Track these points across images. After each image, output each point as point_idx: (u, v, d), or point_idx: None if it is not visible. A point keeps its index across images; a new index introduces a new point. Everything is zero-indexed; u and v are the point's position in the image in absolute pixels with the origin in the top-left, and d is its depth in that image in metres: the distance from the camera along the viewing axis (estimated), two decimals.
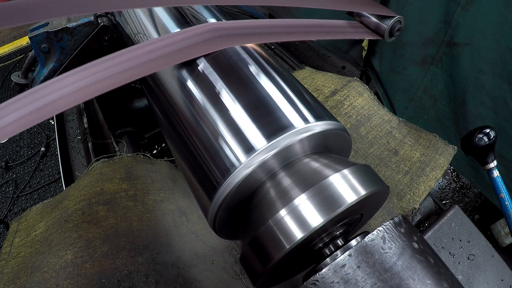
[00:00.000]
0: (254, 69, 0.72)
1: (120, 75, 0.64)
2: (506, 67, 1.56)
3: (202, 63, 0.73)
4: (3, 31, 5.49)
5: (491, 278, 1.23)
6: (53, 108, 0.59)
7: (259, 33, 0.77)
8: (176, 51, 0.70)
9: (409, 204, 1.49)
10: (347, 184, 0.58)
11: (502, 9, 1.46)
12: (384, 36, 0.87)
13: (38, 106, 0.58)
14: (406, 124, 1.79)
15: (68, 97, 0.60)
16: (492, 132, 1.29)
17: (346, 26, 0.89)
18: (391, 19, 0.86)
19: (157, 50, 0.69)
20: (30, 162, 2.89)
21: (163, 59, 0.68)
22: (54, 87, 0.61)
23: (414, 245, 0.55)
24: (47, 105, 0.59)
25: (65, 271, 1.20)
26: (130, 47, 0.68)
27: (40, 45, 1.42)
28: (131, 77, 0.64)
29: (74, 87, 0.61)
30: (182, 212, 1.51)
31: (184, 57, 0.70)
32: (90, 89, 0.61)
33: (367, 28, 0.90)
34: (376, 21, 0.87)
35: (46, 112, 0.58)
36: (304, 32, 0.82)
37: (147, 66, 0.66)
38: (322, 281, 0.51)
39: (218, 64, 0.73)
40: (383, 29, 0.87)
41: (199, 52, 0.72)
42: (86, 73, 0.63)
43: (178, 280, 1.25)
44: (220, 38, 0.73)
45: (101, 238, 1.30)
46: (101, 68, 0.64)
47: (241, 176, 0.59)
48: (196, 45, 0.72)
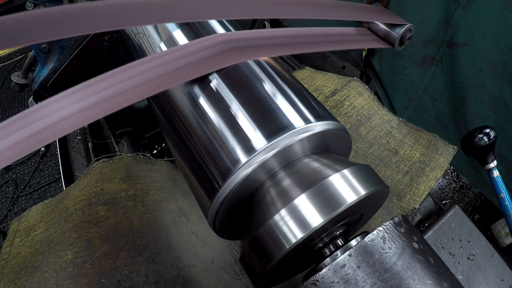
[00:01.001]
0: (257, 72, 0.71)
1: (127, 93, 0.58)
2: (506, 67, 1.56)
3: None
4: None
5: (491, 278, 1.23)
6: (52, 132, 0.52)
7: (271, 45, 0.73)
8: (188, 65, 0.65)
9: (409, 204, 1.49)
10: (347, 184, 0.58)
11: (502, 9, 1.46)
12: (394, 45, 0.84)
13: (35, 130, 0.51)
14: (406, 124, 1.79)
15: (68, 120, 0.53)
16: (492, 132, 1.29)
17: (355, 34, 0.85)
18: (402, 27, 0.83)
19: (167, 64, 0.64)
20: (30, 162, 2.90)
21: (174, 75, 0.63)
22: (53, 108, 0.54)
23: (414, 245, 0.55)
24: (45, 129, 0.52)
25: (65, 271, 1.20)
26: (136, 61, 0.63)
27: (40, 45, 1.42)
28: (140, 95, 0.58)
29: (74, 109, 0.54)
30: (182, 212, 1.51)
31: (197, 73, 0.65)
32: (91, 111, 0.55)
33: (376, 36, 0.87)
34: (385, 28, 0.83)
35: (45, 137, 0.51)
36: (316, 43, 0.78)
37: (157, 82, 0.61)
38: (322, 281, 0.51)
39: (230, 80, 0.70)
40: (393, 37, 0.84)
41: (212, 67, 0.67)
42: (85, 92, 0.57)
43: (178, 280, 1.25)
44: (232, 51, 0.69)
45: (101, 238, 1.30)
46: (104, 86, 0.58)
47: (241, 176, 0.59)
48: (208, 58, 0.67)
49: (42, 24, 0.55)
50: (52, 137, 0.52)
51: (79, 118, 0.54)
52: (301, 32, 0.78)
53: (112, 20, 0.61)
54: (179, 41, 0.85)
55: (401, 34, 0.82)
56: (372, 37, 0.87)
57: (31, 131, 0.51)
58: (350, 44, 0.83)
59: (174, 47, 0.67)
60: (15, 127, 0.51)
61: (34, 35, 0.55)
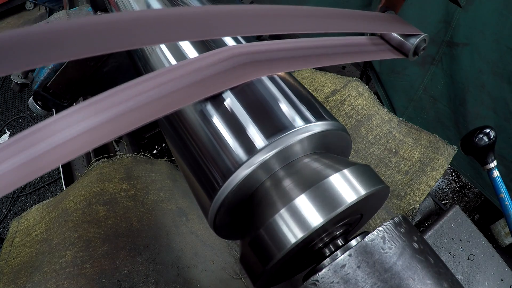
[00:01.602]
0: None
1: (136, 113, 0.52)
2: (506, 67, 1.56)
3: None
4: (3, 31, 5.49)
5: (491, 278, 1.23)
6: (56, 156, 0.45)
7: (287, 58, 0.68)
8: (199, 81, 0.59)
9: (409, 204, 1.49)
10: (347, 184, 0.58)
11: (502, 9, 1.46)
12: (408, 55, 0.79)
13: (35, 155, 0.45)
14: (406, 124, 1.79)
15: (74, 142, 0.47)
16: (492, 132, 1.29)
17: (369, 44, 0.80)
18: (417, 37, 0.78)
19: (178, 79, 0.57)
20: None
21: (186, 92, 0.57)
22: (56, 128, 0.48)
23: (414, 245, 0.55)
24: (48, 153, 0.45)
25: (65, 271, 1.20)
26: (143, 77, 0.57)
27: None
28: (150, 114, 0.52)
29: (80, 129, 0.48)
30: (182, 212, 1.51)
31: (210, 90, 0.59)
32: (99, 131, 0.49)
33: (389, 45, 0.82)
34: (399, 38, 0.79)
35: (47, 163, 0.45)
36: (334, 55, 0.73)
37: (167, 100, 0.54)
38: (322, 281, 0.51)
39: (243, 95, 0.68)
40: (407, 48, 0.79)
41: (226, 84, 0.61)
42: (91, 110, 0.50)
43: (178, 280, 1.25)
44: (247, 66, 0.63)
45: (101, 238, 1.30)
46: (112, 103, 0.51)
47: (241, 176, 0.59)
48: (222, 74, 0.61)
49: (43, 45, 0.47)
50: (56, 162, 0.45)
51: (86, 140, 0.48)
52: (318, 43, 0.73)
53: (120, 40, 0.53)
54: (179, 42, 0.85)
55: (416, 44, 0.78)
56: (385, 46, 0.82)
57: (31, 155, 0.45)
58: (366, 55, 0.78)
59: (185, 61, 0.61)
60: (12, 151, 0.44)
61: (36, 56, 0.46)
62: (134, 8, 1.05)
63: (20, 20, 5.68)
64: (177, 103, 0.55)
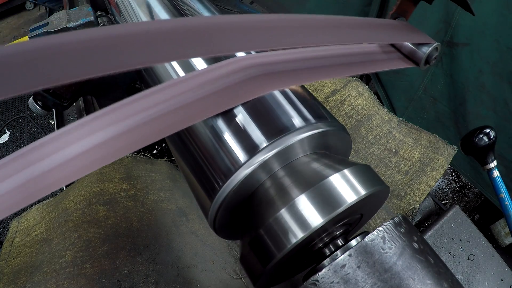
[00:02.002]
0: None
1: (146, 128, 0.48)
2: (506, 67, 1.57)
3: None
4: (3, 31, 5.49)
5: (491, 278, 1.23)
6: (61, 175, 0.41)
7: (298, 69, 0.64)
8: (210, 95, 0.55)
9: (409, 204, 1.49)
10: (347, 184, 0.58)
11: (502, 9, 1.47)
12: (419, 64, 0.77)
13: (38, 173, 0.40)
14: (406, 124, 1.79)
15: (80, 159, 0.43)
16: (492, 132, 1.29)
17: (380, 52, 0.76)
18: (429, 46, 0.75)
19: (186, 92, 0.53)
20: None
21: (197, 107, 0.53)
22: (61, 143, 0.43)
23: (414, 245, 0.55)
24: (52, 171, 0.41)
25: (65, 271, 1.20)
26: (151, 89, 0.52)
27: None
28: (157, 133, 0.48)
29: (87, 145, 0.44)
30: (182, 212, 1.51)
31: (222, 106, 0.55)
32: (109, 147, 0.45)
33: (400, 53, 0.78)
34: (411, 46, 0.76)
35: (51, 182, 0.40)
36: (344, 65, 0.69)
37: (178, 115, 0.51)
38: (322, 281, 0.51)
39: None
40: (419, 56, 0.76)
41: (238, 99, 0.58)
42: (99, 124, 0.46)
43: (178, 280, 1.25)
44: (259, 79, 0.59)
45: (101, 238, 1.30)
46: (116, 118, 0.47)
47: (241, 176, 0.59)
48: (233, 88, 0.57)
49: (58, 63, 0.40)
50: (62, 181, 0.41)
51: (95, 157, 0.43)
52: (330, 52, 0.69)
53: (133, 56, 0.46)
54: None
55: (428, 53, 0.75)
56: (396, 54, 0.78)
57: (34, 173, 0.40)
58: (378, 65, 0.74)
59: (194, 73, 0.57)
60: (12, 168, 0.40)
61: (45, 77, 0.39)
62: (134, 8, 1.05)
63: (20, 20, 5.68)
64: (188, 119, 0.51)
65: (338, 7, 2.46)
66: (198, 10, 0.98)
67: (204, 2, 1.03)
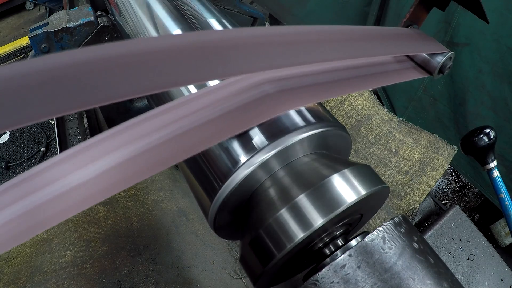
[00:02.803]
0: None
1: (155, 153, 0.42)
2: (506, 67, 1.56)
3: None
4: (3, 31, 5.50)
5: (491, 278, 1.23)
6: (65, 205, 0.36)
7: (314, 85, 0.59)
8: (224, 115, 0.49)
9: (409, 204, 1.49)
10: (347, 184, 0.58)
11: (502, 9, 1.47)
12: (433, 74, 0.75)
13: (39, 202, 0.35)
14: (406, 124, 1.79)
15: (86, 187, 0.38)
16: (492, 132, 1.29)
17: (393, 62, 0.74)
18: (443, 55, 0.73)
19: (200, 110, 0.48)
20: (30, 162, 2.90)
21: (210, 129, 0.47)
22: (65, 169, 0.38)
23: (414, 245, 0.55)
24: (54, 201, 0.36)
25: (65, 271, 1.20)
26: (160, 107, 0.47)
27: (40, 45, 1.42)
28: (170, 158, 0.43)
29: (95, 171, 0.39)
30: (182, 212, 1.51)
31: (236, 127, 0.50)
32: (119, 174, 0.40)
33: (413, 62, 0.76)
34: (424, 55, 0.75)
35: (53, 214, 0.35)
36: (360, 78, 0.65)
37: (190, 139, 0.45)
38: (322, 281, 0.51)
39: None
40: (433, 66, 0.74)
41: (254, 119, 0.52)
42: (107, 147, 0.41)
43: (178, 280, 1.25)
44: (275, 97, 0.54)
45: (101, 238, 1.30)
46: (123, 141, 0.42)
47: (241, 176, 0.59)
48: (247, 107, 0.52)
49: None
50: (64, 213, 0.36)
51: (102, 185, 0.38)
52: (345, 63, 0.65)
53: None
54: None
55: (442, 63, 0.73)
56: (409, 63, 0.76)
57: (33, 204, 0.35)
58: (393, 76, 0.71)
59: (206, 89, 0.52)
60: (8, 198, 0.35)
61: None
62: (134, 8, 1.05)
63: (20, 20, 5.69)
64: (201, 142, 0.46)
65: (338, 7, 2.46)
66: (198, 10, 0.98)
67: (204, 2, 1.03)
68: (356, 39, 0.65)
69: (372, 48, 0.67)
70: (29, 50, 4.38)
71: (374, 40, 0.68)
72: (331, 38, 0.62)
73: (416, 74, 0.75)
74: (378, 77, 0.68)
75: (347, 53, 0.62)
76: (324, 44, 0.59)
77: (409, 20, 0.79)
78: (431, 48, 0.74)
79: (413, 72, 0.75)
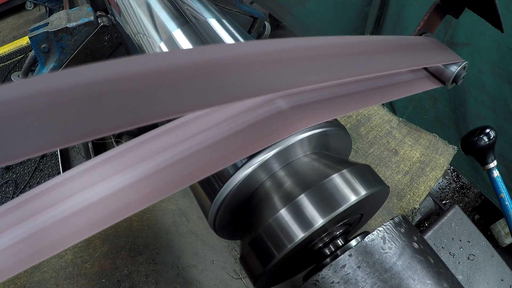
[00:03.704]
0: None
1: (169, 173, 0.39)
2: (506, 67, 1.56)
3: None
4: (3, 31, 5.49)
5: (491, 278, 1.23)
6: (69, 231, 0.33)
7: (329, 99, 0.56)
8: (236, 133, 0.46)
9: (409, 204, 1.49)
10: (347, 184, 0.58)
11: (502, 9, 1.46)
12: (447, 84, 0.74)
13: (40, 228, 0.32)
14: (406, 124, 1.79)
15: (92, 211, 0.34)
16: (492, 132, 1.29)
17: (406, 72, 0.71)
18: (457, 65, 0.72)
19: (209, 130, 0.44)
20: (30, 162, 2.90)
21: (219, 150, 0.44)
22: (68, 190, 0.35)
23: (414, 245, 0.55)
24: (57, 224, 0.33)
25: (65, 271, 1.20)
26: (170, 124, 0.44)
27: (40, 45, 1.42)
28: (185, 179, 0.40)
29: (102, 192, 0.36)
30: (182, 212, 1.51)
31: (248, 147, 0.46)
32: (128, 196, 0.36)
33: (426, 71, 0.75)
34: (438, 64, 0.74)
35: (58, 238, 0.32)
36: (375, 90, 0.62)
37: (201, 160, 0.42)
38: (322, 281, 0.51)
39: None
40: (446, 76, 0.73)
41: (266, 139, 0.47)
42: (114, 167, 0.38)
43: (178, 280, 1.25)
44: (289, 113, 0.51)
45: (101, 238, 1.30)
46: (128, 162, 0.39)
47: (241, 176, 0.59)
48: (259, 125, 0.48)
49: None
50: (70, 239, 0.33)
51: (111, 207, 0.35)
52: (360, 75, 0.59)
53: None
54: (179, 42, 0.85)
55: (456, 73, 0.72)
56: (422, 73, 0.74)
57: (35, 228, 0.32)
58: (408, 88, 0.68)
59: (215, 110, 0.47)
60: (9, 221, 0.32)
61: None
62: (134, 8, 1.05)
63: (20, 20, 5.68)
64: (211, 164, 0.42)
65: (338, 7, 2.46)
66: (198, 10, 0.98)
67: (204, 2, 1.03)
68: (373, 52, 0.63)
69: (389, 62, 0.64)
70: (29, 50, 4.38)
71: (391, 52, 0.66)
72: (348, 52, 0.58)
73: (430, 84, 0.73)
74: (393, 89, 0.66)
75: (366, 69, 0.59)
76: (342, 59, 0.56)
77: (423, 27, 0.78)
78: (446, 59, 0.73)
79: (426, 82, 0.73)
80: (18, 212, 0.33)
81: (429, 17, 0.78)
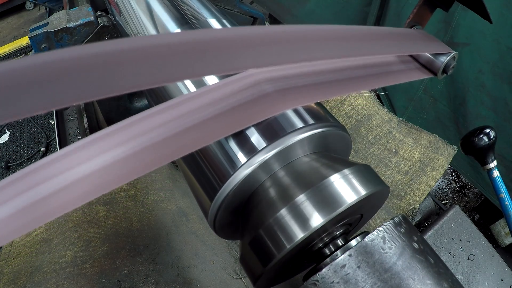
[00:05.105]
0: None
1: (155, 149, 0.45)
2: (506, 67, 1.57)
3: None
4: (3, 31, 5.50)
5: (491, 278, 1.23)
6: (67, 198, 0.38)
7: (312, 84, 0.59)
8: (222, 114, 0.50)
9: (409, 204, 1.49)
10: (347, 184, 0.58)
11: (502, 9, 1.47)
12: (437, 74, 0.75)
13: (41, 195, 0.37)
14: (406, 124, 1.79)
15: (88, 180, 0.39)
16: (492, 132, 1.29)
17: (397, 62, 0.73)
18: (446, 55, 0.74)
19: (198, 110, 0.49)
20: (30, 162, 2.90)
21: (208, 127, 0.48)
22: (66, 164, 0.39)
23: (414, 245, 0.55)
24: (56, 194, 0.37)
25: (65, 271, 1.20)
26: (160, 105, 0.49)
27: (40, 45, 1.42)
28: (169, 155, 0.45)
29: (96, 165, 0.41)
30: (182, 212, 1.51)
31: (234, 126, 0.51)
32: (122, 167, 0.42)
33: (417, 63, 0.76)
34: (427, 55, 0.75)
35: (55, 206, 0.37)
36: (361, 78, 0.64)
37: (188, 137, 0.47)
38: (322, 281, 0.51)
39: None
40: (436, 66, 0.74)
41: (251, 118, 0.52)
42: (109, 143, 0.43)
43: (178, 280, 1.25)
44: (273, 96, 0.55)
45: (101, 238, 1.30)
46: (123, 138, 0.44)
47: (241, 176, 0.59)
48: (245, 106, 0.53)
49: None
50: (66, 206, 0.37)
51: (102, 179, 0.40)
52: (346, 63, 0.64)
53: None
54: None
55: (446, 63, 0.73)
56: (413, 64, 0.75)
57: (35, 197, 0.36)
58: (396, 76, 0.71)
59: (205, 88, 0.53)
60: (11, 191, 0.36)
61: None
62: (134, 8, 1.05)
63: (20, 20, 5.69)
64: (198, 140, 0.47)
65: (338, 7, 2.46)
66: (198, 10, 0.98)
67: (204, 2, 1.03)
68: (358, 38, 0.65)
69: (374, 47, 0.66)
70: (29, 50, 4.38)
71: (377, 39, 0.68)
72: (333, 36, 0.61)
73: (420, 75, 0.75)
74: (381, 77, 0.68)
75: (349, 51, 0.62)
76: (325, 42, 0.59)
77: (413, 20, 0.79)
78: (435, 48, 0.74)
79: (417, 72, 0.75)
80: (17, 185, 0.37)
81: (418, 10, 0.78)
